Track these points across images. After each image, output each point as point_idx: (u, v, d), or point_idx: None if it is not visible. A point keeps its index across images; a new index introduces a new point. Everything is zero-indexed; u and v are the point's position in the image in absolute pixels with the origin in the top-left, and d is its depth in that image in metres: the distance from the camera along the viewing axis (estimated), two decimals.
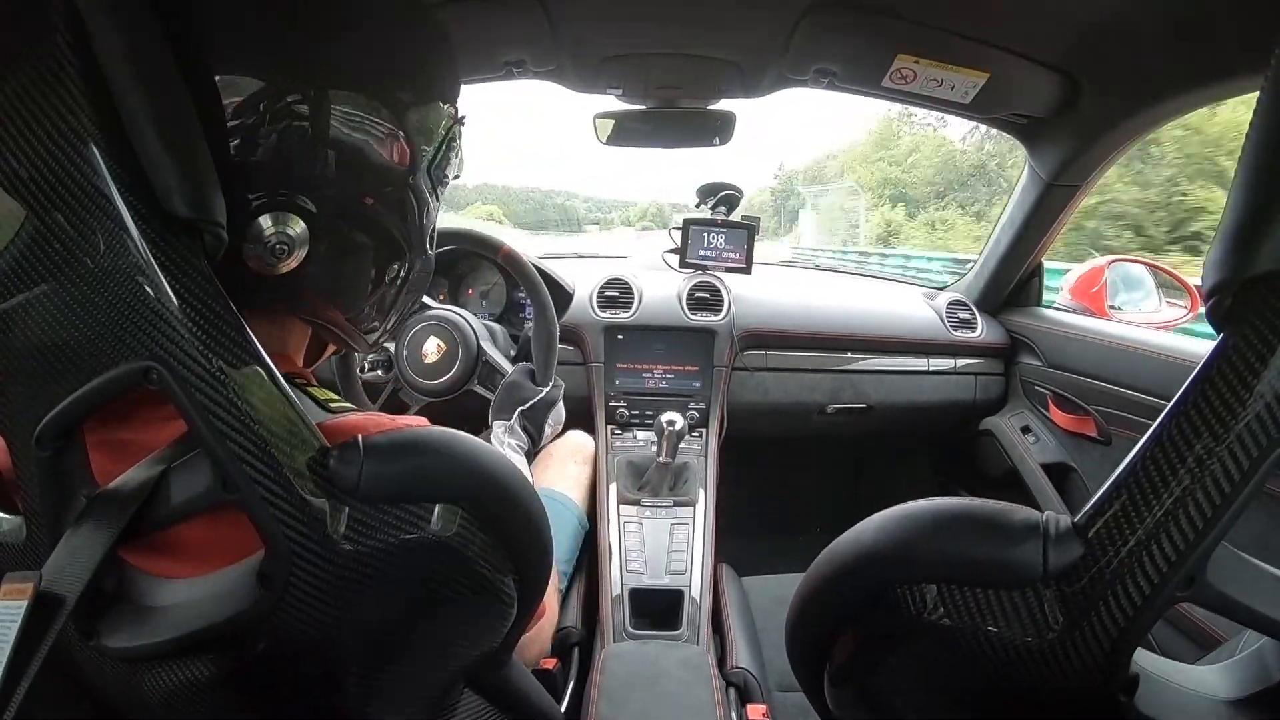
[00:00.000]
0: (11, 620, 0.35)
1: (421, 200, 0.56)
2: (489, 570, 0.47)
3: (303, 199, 0.48)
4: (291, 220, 0.47)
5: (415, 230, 0.56)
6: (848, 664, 0.50)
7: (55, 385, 0.40)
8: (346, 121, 0.48)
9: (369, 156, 0.50)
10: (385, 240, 0.54)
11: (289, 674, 0.46)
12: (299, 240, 0.48)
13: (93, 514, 0.40)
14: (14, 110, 0.36)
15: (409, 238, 0.55)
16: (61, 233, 0.37)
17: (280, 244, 0.47)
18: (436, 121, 0.56)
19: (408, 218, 0.55)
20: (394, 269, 0.56)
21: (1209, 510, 0.34)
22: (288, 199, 0.47)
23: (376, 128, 0.50)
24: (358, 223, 0.51)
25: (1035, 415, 1.63)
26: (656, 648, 1.07)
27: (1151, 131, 1.24)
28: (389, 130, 0.51)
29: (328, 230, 0.49)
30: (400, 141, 0.52)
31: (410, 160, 0.53)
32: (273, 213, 0.47)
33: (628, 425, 1.50)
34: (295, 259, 0.48)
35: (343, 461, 0.41)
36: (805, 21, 1.07)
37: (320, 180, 0.48)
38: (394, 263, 0.55)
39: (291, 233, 0.47)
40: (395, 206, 0.53)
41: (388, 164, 0.52)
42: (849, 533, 0.47)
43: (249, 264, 0.47)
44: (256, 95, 0.45)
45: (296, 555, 0.40)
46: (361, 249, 0.53)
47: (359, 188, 0.50)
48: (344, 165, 0.49)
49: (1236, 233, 0.34)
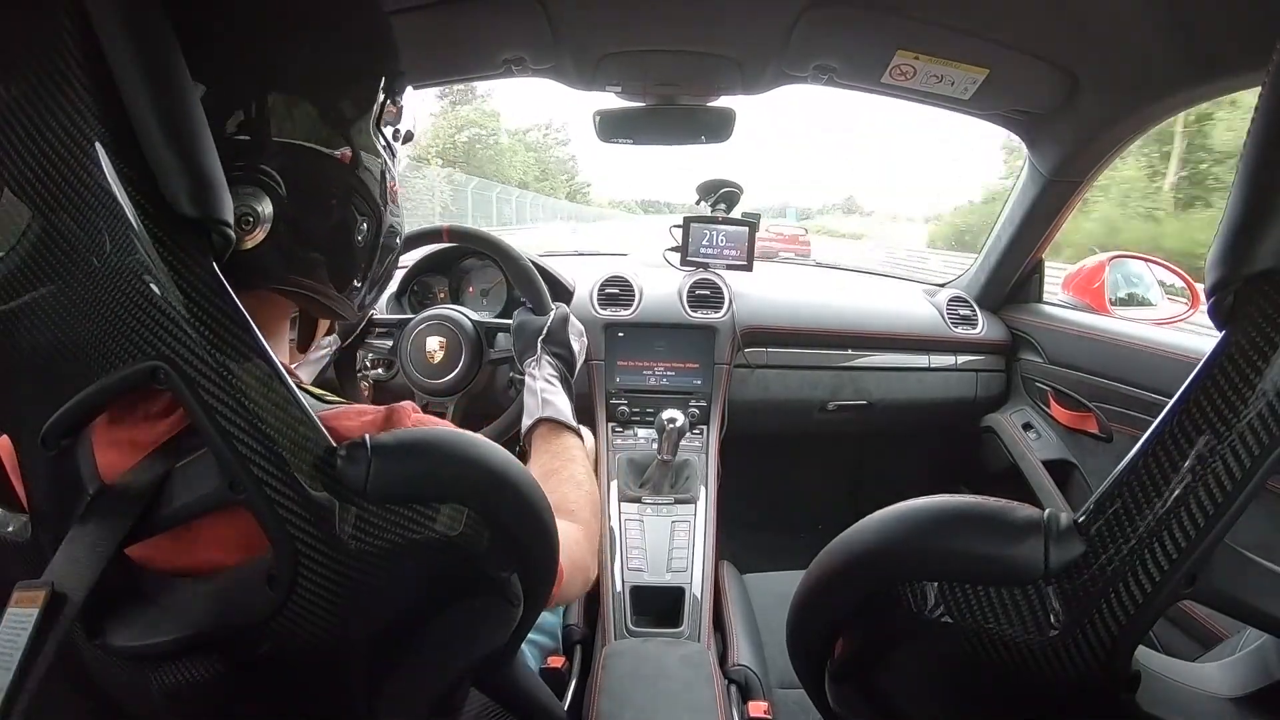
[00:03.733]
0: (23, 627, 0.35)
1: (376, 159, 0.57)
2: (495, 569, 0.47)
3: (260, 170, 0.48)
4: (255, 194, 0.47)
5: (376, 190, 0.57)
6: (849, 661, 0.51)
7: (62, 384, 0.40)
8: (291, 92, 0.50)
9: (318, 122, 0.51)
10: (346, 204, 0.54)
11: (295, 673, 0.46)
12: (264, 215, 0.48)
13: (99, 512, 0.40)
14: (21, 111, 0.37)
15: (370, 198, 0.56)
16: (68, 233, 0.38)
17: (245, 216, 0.47)
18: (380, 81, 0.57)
19: (366, 178, 0.55)
20: (362, 231, 0.56)
21: (1211, 508, 0.34)
22: (245, 172, 0.47)
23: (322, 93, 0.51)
24: (317, 188, 0.52)
25: (1036, 412, 1.63)
26: (658, 645, 1.07)
27: (1151, 127, 1.24)
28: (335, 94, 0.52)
29: (290, 199, 0.49)
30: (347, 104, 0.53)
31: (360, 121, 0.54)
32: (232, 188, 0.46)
33: (629, 423, 1.50)
34: (261, 232, 0.48)
35: (350, 461, 0.41)
36: (805, 18, 1.07)
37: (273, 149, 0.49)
38: (360, 225, 0.56)
39: (256, 206, 0.47)
40: (352, 170, 0.54)
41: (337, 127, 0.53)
42: (850, 530, 0.47)
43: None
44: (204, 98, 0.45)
45: (303, 555, 0.40)
46: (324, 214, 0.53)
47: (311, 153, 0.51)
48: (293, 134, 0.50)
49: (1237, 230, 0.34)
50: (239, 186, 0.46)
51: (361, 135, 0.55)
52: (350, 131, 0.54)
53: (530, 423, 0.91)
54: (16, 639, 0.35)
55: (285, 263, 0.51)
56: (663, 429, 1.32)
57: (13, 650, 0.35)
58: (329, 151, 0.52)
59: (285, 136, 0.49)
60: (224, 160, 0.45)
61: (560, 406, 0.92)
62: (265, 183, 0.48)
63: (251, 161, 0.47)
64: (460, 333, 1.15)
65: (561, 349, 1.04)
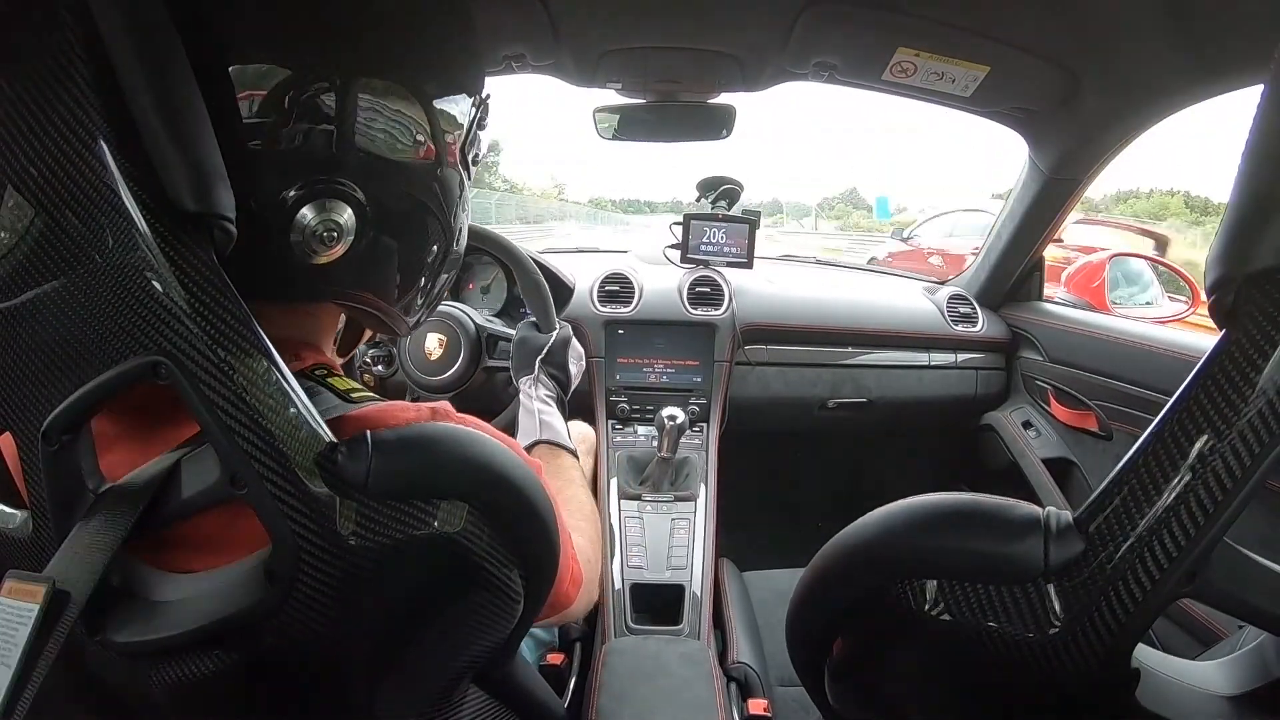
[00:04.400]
0: (21, 622, 0.35)
1: (457, 183, 0.56)
2: (496, 566, 0.47)
3: (345, 184, 0.47)
4: (338, 207, 0.47)
5: (451, 213, 0.56)
6: (848, 659, 0.51)
7: (63, 380, 0.40)
8: (381, 108, 0.48)
9: (404, 144, 0.50)
10: (424, 224, 0.54)
11: (296, 669, 0.46)
12: (347, 228, 0.47)
13: (102, 510, 0.40)
14: (23, 107, 0.36)
15: (446, 220, 0.55)
16: (71, 229, 0.38)
17: (328, 231, 0.46)
18: (470, 107, 0.56)
19: (446, 201, 0.55)
20: (433, 251, 0.56)
21: (1210, 506, 0.34)
22: (326, 185, 0.46)
23: (410, 115, 0.50)
24: (399, 207, 0.51)
25: (1036, 410, 1.63)
26: (657, 643, 1.08)
27: (1152, 125, 1.24)
28: (422, 118, 0.51)
29: (373, 216, 0.49)
30: (436, 129, 0.52)
31: (446, 147, 0.53)
32: (316, 201, 0.46)
33: (628, 420, 1.50)
34: (342, 246, 0.47)
35: (351, 457, 0.41)
36: (806, 14, 1.07)
37: (359, 167, 0.48)
38: (432, 245, 0.55)
39: (339, 219, 0.47)
40: (432, 190, 0.53)
41: (422, 150, 0.51)
42: (850, 528, 0.47)
43: (292, 254, 0.46)
44: (282, 85, 0.44)
45: (304, 551, 0.40)
46: (403, 233, 0.52)
47: (398, 172, 0.50)
48: (379, 151, 0.48)
49: (1238, 228, 0.34)
50: (325, 199, 0.46)
51: (449, 147, 0.54)
52: (439, 141, 0.53)
53: (528, 443, 0.91)
54: (15, 634, 0.35)
55: (354, 277, 0.51)
56: (663, 426, 1.32)
57: (12, 646, 0.35)
58: (415, 163, 0.51)
59: (372, 143, 0.48)
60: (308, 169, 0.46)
61: (558, 428, 0.93)
62: (349, 195, 0.47)
63: (335, 172, 0.47)
64: (461, 332, 1.15)
65: (559, 371, 1.05)
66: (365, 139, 0.47)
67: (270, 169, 0.45)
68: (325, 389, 0.49)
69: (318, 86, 0.45)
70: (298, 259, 0.47)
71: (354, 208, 0.47)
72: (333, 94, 0.46)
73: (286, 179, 0.45)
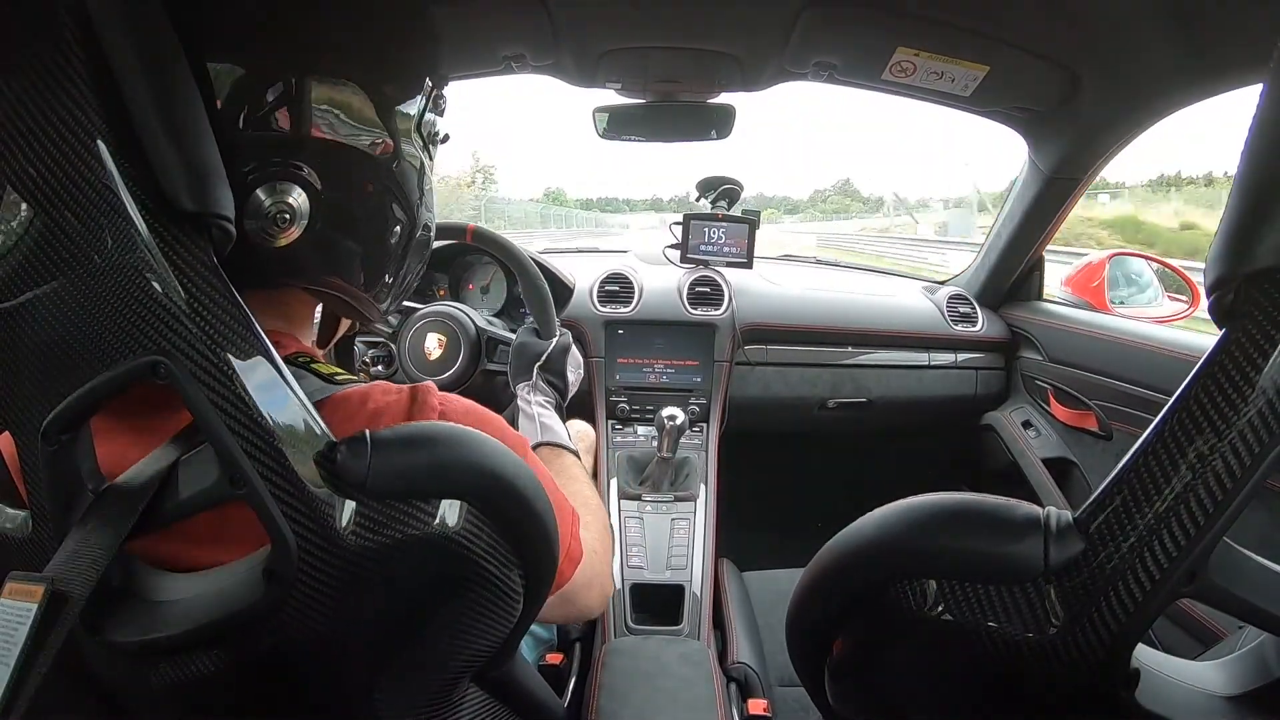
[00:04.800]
0: (20, 622, 0.35)
1: (416, 161, 0.56)
2: (495, 565, 0.47)
3: (296, 166, 0.47)
4: (290, 189, 0.47)
5: (413, 193, 0.56)
6: (848, 659, 0.51)
7: (63, 380, 0.40)
8: (334, 87, 0.48)
9: (359, 123, 0.50)
10: (383, 205, 0.54)
11: (295, 669, 0.46)
12: (300, 210, 0.47)
13: (101, 509, 0.40)
14: (22, 108, 0.37)
15: (407, 200, 0.56)
16: (70, 229, 0.38)
17: (280, 213, 0.47)
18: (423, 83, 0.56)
19: (404, 180, 0.55)
20: (395, 233, 0.56)
21: (1210, 506, 0.34)
22: (280, 168, 0.47)
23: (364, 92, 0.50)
24: (354, 188, 0.51)
25: (1036, 410, 1.63)
26: (657, 643, 1.08)
27: (1152, 125, 1.24)
28: (376, 96, 0.51)
29: (326, 197, 0.49)
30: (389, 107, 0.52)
31: (393, 134, 0.53)
32: (268, 184, 0.46)
33: (628, 420, 1.50)
34: (296, 229, 0.48)
35: (351, 455, 0.41)
36: (805, 14, 1.07)
37: (312, 146, 0.48)
38: (395, 226, 0.55)
39: (291, 202, 0.47)
40: (390, 172, 0.54)
41: (378, 127, 0.52)
42: (849, 528, 0.47)
43: (248, 239, 0.47)
44: (242, 81, 0.45)
45: (303, 551, 0.40)
46: (360, 214, 0.53)
47: (351, 152, 0.50)
48: (333, 132, 0.49)
49: (1237, 228, 0.34)
50: (276, 182, 0.47)
51: (404, 133, 0.54)
52: (393, 127, 0.53)
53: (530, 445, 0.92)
54: (14, 634, 0.35)
55: (318, 262, 0.51)
56: (663, 426, 1.32)
57: (11, 645, 0.35)
58: (369, 148, 0.52)
59: (326, 129, 0.48)
60: (261, 153, 0.46)
61: (558, 430, 0.93)
62: (302, 178, 0.48)
63: (289, 156, 0.47)
64: (461, 332, 1.15)
65: (557, 379, 1.05)
66: (320, 128, 0.48)
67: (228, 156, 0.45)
68: (309, 373, 0.49)
69: (274, 85, 0.46)
70: (258, 243, 0.47)
71: (307, 190, 0.48)
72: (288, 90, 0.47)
73: (240, 162, 0.46)
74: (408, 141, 0.55)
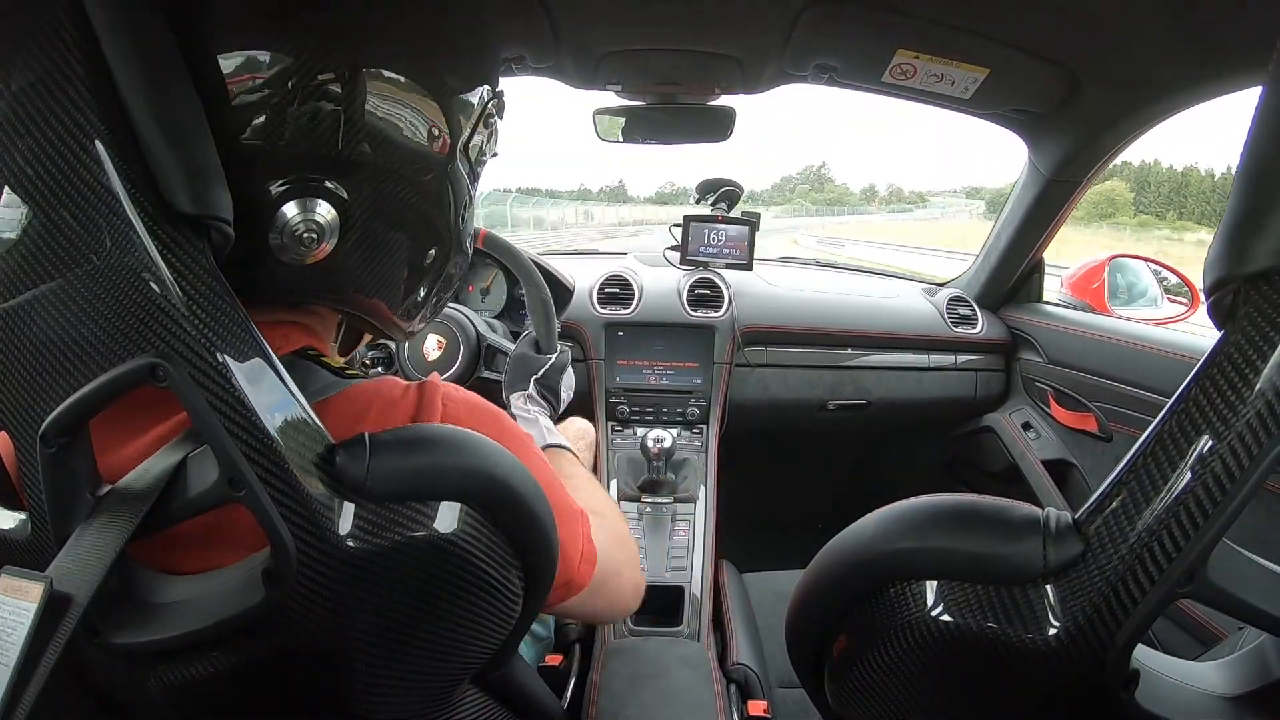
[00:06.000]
0: (19, 622, 0.35)
1: (459, 185, 0.53)
2: (494, 567, 0.47)
3: (333, 183, 0.45)
4: (319, 206, 0.45)
5: (453, 216, 0.54)
6: (848, 660, 0.51)
7: (61, 381, 0.40)
8: (383, 104, 0.45)
9: (406, 142, 0.48)
10: (421, 227, 0.52)
11: (294, 670, 0.46)
12: (329, 228, 0.45)
13: (104, 513, 0.40)
14: (21, 108, 0.37)
15: (446, 224, 0.53)
16: (68, 230, 0.38)
17: (309, 232, 0.45)
18: (478, 103, 0.53)
19: (444, 204, 0.52)
20: (430, 255, 0.54)
21: (1209, 507, 0.34)
22: (317, 184, 0.45)
23: (415, 112, 0.47)
24: (392, 209, 0.49)
25: (1036, 411, 1.63)
26: (657, 644, 1.07)
27: (1152, 126, 1.24)
28: (428, 115, 0.48)
29: (360, 217, 0.47)
30: (440, 127, 0.49)
31: (449, 146, 0.51)
32: (299, 199, 0.44)
33: (628, 422, 1.50)
34: (326, 247, 0.46)
35: (349, 458, 0.41)
36: (805, 16, 1.07)
37: (353, 165, 0.45)
38: (430, 249, 0.53)
39: (320, 220, 0.45)
40: (432, 193, 0.51)
41: (425, 150, 0.49)
42: (849, 529, 0.47)
43: (279, 255, 0.45)
44: (284, 72, 0.42)
45: (302, 554, 0.40)
46: (396, 236, 0.50)
47: (395, 173, 0.48)
48: (379, 151, 0.46)
49: (1236, 229, 0.34)
50: (307, 199, 0.45)
51: (452, 164, 0.52)
52: (442, 164, 0.51)
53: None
54: (12, 633, 0.35)
55: (347, 281, 0.49)
56: (649, 451, 1.31)
57: (10, 645, 0.35)
58: (411, 163, 0.49)
59: (369, 137, 0.45)
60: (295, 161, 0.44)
61: (557, 433, 0.94)
62: (333, 193, 0.45)
63: (325, 169, 0.45)
64: (461, 336, 1.16)
65: (550, 394, 1.05)
66: (370, 136, 0.45)
67: (258, 165, 0.44)
68: (319, 366, 0.48)
69: (324, 77, 0.43)
70: (285, 259, 0.45)
71: (338, 207, 0.46)
72: (339, 85, 0.44)
73: (271, 175, 0.44)
74: (453, 165, 0.52)
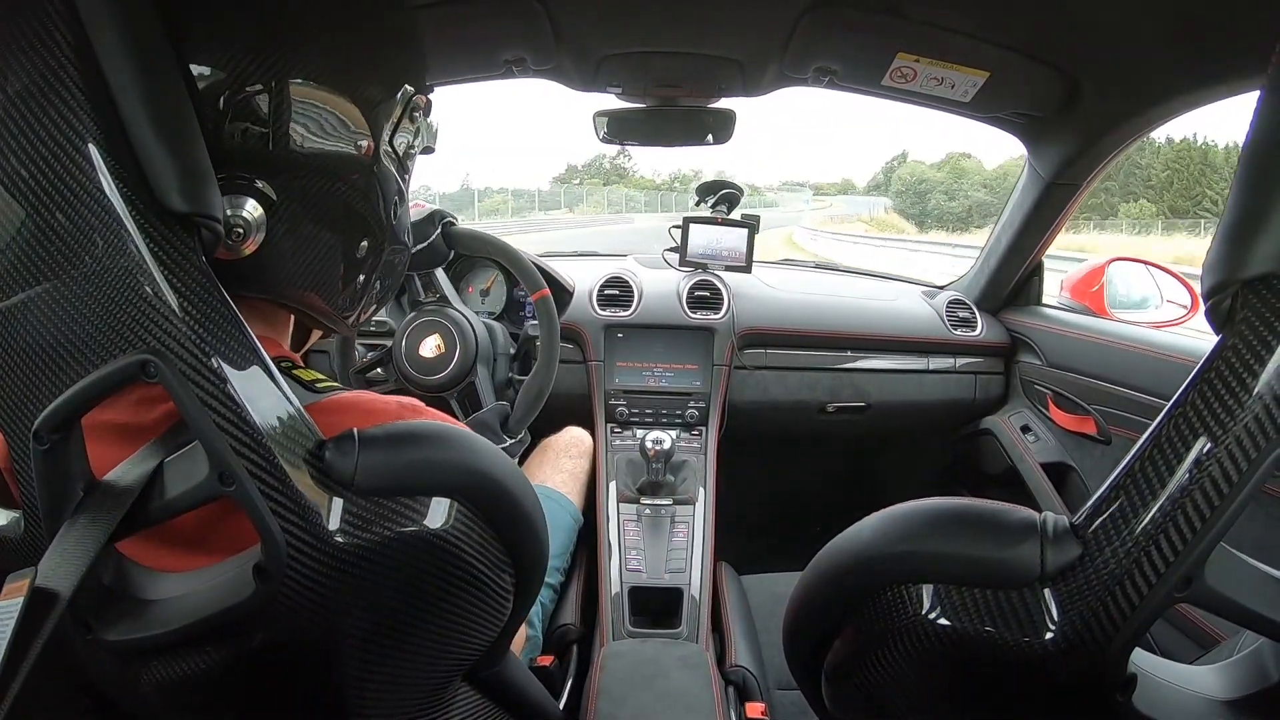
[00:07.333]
0: (8, 616, 0.35)
1: (387, 182, 0.55)
2: (485, 564, 0.47)
3: (262, 182, 0.47)
4: (245, 203, 0.47)
5: (383, 211, 0.56)
6: (845, 662, 0.51)
7: (54, 379, 0.40)
8: (307, 110, 0.48)
9: (329, 144, 0.50)
10: (350, 222, 0.53)
11: (285, 667, 0.46)
12: (255, 224, 0.47)
13: (89, 507, 0.40)
14: (15, 111, 0.37)
15: (376, 218, 0.55)
16: (62, 231, 0.38)
17: (235, 226, 0.46)
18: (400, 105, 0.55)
19: (373, 200, 0.54)
20: (363, 248, 0.55)
21: (1207, 511, 0.34)
22: (246, 183, 0.47)
23: (337, 117, 0.50)
24: (319, 205, 0.51)
25: (1035, 414, 1.63)
26: (656, 646, 1.07)
27: (1152, 130, 1.24)
28: (350, 120, 0.51)
29: (287, 213, 0.49)
30: (362, 130, 0.52)
31: (372, 148, 0.53)
32: (227, 196, 0.46)
33: (628, 424, 1.50)
34: (253, 242, 0.47)
35: (338, 453, 0.41)
36: (806, 20, 1.07)
37: (279, 165, 0.48)
38: (361, 243, 0.55)
39: (246, 216, 0.47)
40: (359, 190, 0.53)
41: (348, 152, 0.51)
42: (847, 531, 0.47)
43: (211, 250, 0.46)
44: (218, 85, 0.45)
45: (292, 548, 0.40)
46: (324, 231, 0.52)
47: (320, 172, 0.50)
48: (304, 152, 0.49)
49: (1235, 233, 0.34)
50: (234, 195, 0.46)
51: (375, 145, 0.53)
52: (363, 139, 0.52)
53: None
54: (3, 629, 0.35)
55: (279, 275, 0.51)
56: (648, 453, 1.31)
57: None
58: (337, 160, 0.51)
59: (295, 140, 0.48)
60: (228, 162, 0.46)
61: None
62: (260, 192, 0.47)
63: (255, 168, 0.47)
64: (459, 335, 1.16)
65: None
66: (297, 142, 0.48)
67: None
68: (292, 379, 0.49)
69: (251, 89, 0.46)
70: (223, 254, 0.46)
71: (265, 204, 0.47)
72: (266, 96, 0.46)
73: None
74: (379, 155, 0.54)
